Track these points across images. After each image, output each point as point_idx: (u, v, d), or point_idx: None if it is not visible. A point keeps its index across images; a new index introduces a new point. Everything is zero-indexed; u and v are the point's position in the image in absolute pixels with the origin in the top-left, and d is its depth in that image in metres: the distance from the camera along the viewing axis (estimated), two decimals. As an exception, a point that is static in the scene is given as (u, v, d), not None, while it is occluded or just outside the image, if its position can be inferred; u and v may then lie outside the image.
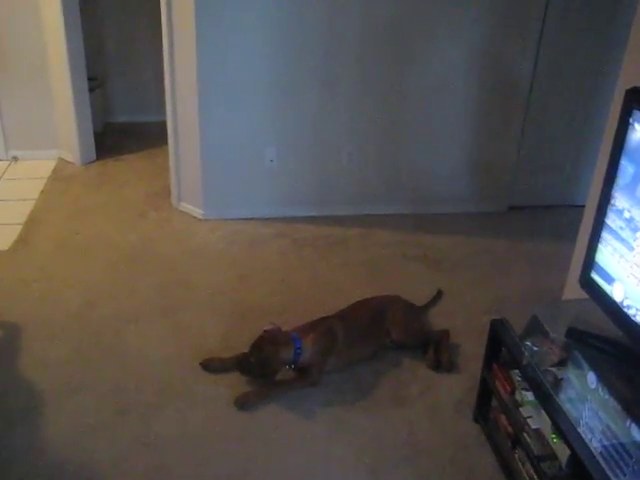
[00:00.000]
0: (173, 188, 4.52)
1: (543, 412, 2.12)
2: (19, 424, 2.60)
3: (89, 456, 2.47)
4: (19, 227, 4.19)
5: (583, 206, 2.90)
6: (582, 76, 4.35)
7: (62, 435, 2.56)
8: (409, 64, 4.16)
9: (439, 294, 3.54)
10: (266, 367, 2.76)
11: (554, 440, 2.09)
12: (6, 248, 3.94)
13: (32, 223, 4.26)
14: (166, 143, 4.42)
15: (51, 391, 2.78)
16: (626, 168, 2.00)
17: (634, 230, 1.97)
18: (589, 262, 2.22)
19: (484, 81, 4.28)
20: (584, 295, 2.27)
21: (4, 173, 5.06)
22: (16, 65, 4.97)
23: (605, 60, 4.21)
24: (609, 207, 2.09)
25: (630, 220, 1.98)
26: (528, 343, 2.27)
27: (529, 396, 2.27)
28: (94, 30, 5.75)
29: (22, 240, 4.04)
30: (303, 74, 4.09)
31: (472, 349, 3.07)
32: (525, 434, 2.23)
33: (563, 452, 2.01)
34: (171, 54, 4.07)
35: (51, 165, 5.19)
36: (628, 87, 2.04)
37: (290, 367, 2.83)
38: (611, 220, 2.08)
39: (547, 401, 2.07)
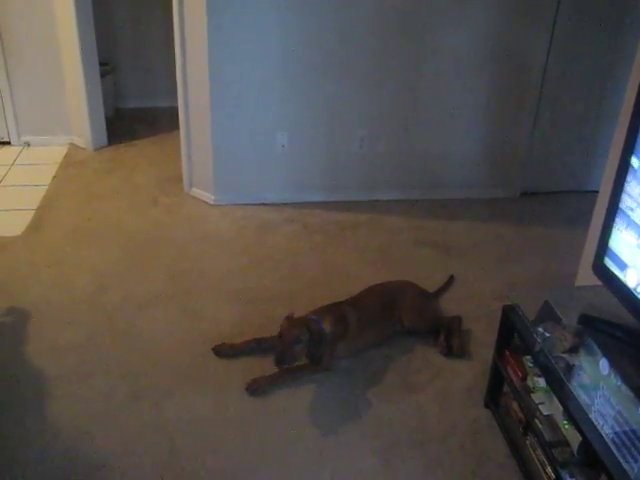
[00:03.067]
0: (184, 173, 4.52)
1: (555, 398, 2.12)
2: (31, 409, 2.63)
3: (101, 441, 2.48)
4: (31, 212, 4.21)
5: (596, 192, 2.88)
6: (596, 60, 4.30)
7: (74, 420, 2.58)
8: (422, 49, 4.13)
9: (451, 280, 3.53)
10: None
11: (566, 426, 2.09)
12: (18, 233, 3.96)
13: (44, 209, 4.28)
14: (177, 128, 4.43)
15: (63, 376, 2.80)
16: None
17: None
18: (602, 248, 2.20)
19: (497, 66, 4.24)
20: (597, 281, 2.25)
21: (16, 159, 5.08)
22: (28, 51, 4.97)
23: (620, 44, 4.17)
24: (623, 192, 2.07)
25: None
26: (540, 329, 2.25)
27: (541, 382, 2.27)
28: (105, 16, 5.75)
29: (34, 226, 4.06)
30: (315, 59, 4.07)
31: (483, 335, 3.07)
32: (537, 420, 2.22)
33: (575, 438, 2.01)
34: (182, 39, 4.06)
35: (63, 150, 5.21)
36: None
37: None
38: (625, 206, 2.06)
39: (559, 387, 2.06)
